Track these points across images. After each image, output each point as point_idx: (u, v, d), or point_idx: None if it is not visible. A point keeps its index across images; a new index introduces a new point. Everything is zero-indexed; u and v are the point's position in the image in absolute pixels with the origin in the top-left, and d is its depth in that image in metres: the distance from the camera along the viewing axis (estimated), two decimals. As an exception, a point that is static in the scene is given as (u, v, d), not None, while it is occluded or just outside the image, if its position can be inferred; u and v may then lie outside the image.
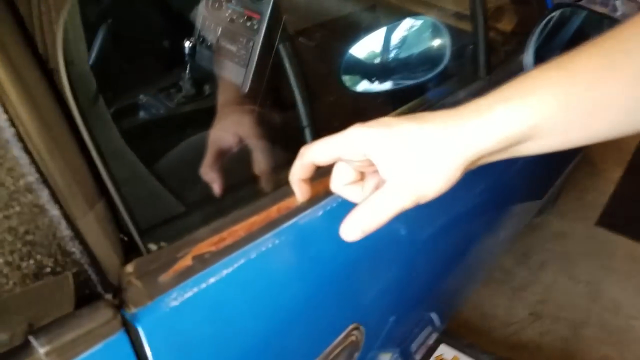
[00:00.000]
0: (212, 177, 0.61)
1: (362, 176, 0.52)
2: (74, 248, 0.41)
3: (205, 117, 0.67)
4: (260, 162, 0.63)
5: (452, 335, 1.51)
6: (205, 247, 0.52)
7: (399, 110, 0.82)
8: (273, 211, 0.59)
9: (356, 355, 0.70)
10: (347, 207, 0.46)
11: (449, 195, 0.44)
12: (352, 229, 0.45)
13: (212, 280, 0.50)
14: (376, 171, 0.47)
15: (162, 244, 0.52)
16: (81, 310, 0.42)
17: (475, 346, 1.56)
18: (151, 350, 0.44)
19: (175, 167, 0.58)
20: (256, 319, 0.54)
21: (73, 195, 0.41)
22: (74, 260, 0.42)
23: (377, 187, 0.47)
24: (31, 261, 0.39)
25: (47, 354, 0.39)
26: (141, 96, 0.89)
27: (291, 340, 0.59)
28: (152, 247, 0.51)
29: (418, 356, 1.36)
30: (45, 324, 0.41)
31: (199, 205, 0.57)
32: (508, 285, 2.06)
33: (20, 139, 0.36)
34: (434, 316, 1.16)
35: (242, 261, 0.53)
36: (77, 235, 0.42)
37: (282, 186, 0.63)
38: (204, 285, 0.49)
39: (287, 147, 0.68)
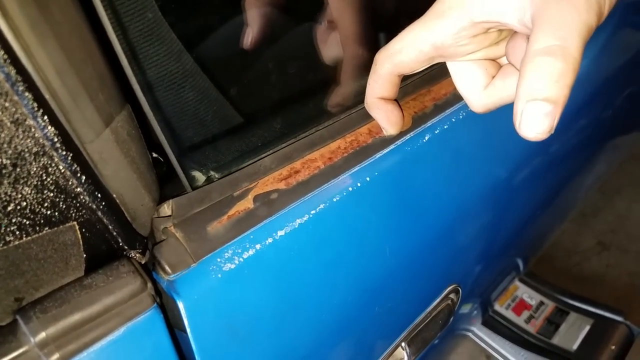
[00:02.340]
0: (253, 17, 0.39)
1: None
2: (80, 186, 0.26)
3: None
4: (351, 57, 0.44)
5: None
6: (271, 183, 0.36)
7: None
8: (363, 133, 0.42)
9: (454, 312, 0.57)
10: (466, 127, 0.28)
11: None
12: (557, 88, 0.26)
13: (281, 233, 0.34)
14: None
15: (212, 174, 0.36)
16: (94, 276, 0.28)
17: (535, 275, 1.44)
18: (194, 334, 0.30)
19: (230, 57, 0.40)
20: (339, 287, 0.39)
21: (76, 102, 0.25)
22: (81, 204, 0.27)
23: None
24: (15, 207, 0.25)
25: (42, 343, 0.26)
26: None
27: (386, 310, 0.45)
28: (198, 177, 0.36)
29: (497, 304, 1.27)
30: (40, 298, 0.27)
31: (263, 121, 0.40)
32: (578, 210, 1.87)
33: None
34: (519, 261, 1.02)
35: (322, 206, 0.37)
36: (84, 166, 0.26)
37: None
38: (270, 241, 0.34)
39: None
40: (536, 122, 0.27)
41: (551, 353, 1.33)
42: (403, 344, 0.49)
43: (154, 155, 0.36)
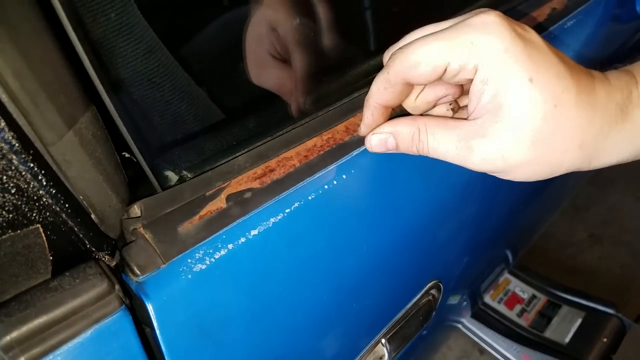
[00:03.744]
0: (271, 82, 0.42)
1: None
2: (42, 189, 0.26)
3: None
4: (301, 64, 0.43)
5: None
6: (245, 182, 0.36)
7: None
8: (340, 131, 0.42)
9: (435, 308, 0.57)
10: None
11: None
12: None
13: (254, 232, 0.34)
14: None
15: (185, 173, 0.36)
16: (61, 278, 0.28)
17: (527, 269, 1.45)
18: (163, 336, 0.30)
19: (204, 56, 0.40)
20: (314, 285, 0.39)
21: (36, 105, 0.25)
22: (45, 206, 0.27)
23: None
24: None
25: (6, 347, 0.26)
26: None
27: (363, 307, 0.45)
28: (171, 177, 0.35)
29: (489, 298, 1.27)
30: (5, 301, 0.27)
31: (237, 119, 0.40)
32: (570, 202, 1.88)
33: None
34: (508, 253, 1.02)
35: (296, 204, 0.37)
36: (47, 168, 0.26)
37: (352, 95, 0.45)
38: (243, 240, 0.34)
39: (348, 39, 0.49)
40: None
41: (544, 346, 1.34)
42: (383, 340, 0.49)
43: (126, 155, 0.36)
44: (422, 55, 0.33)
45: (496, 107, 0.32)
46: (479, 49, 0.31)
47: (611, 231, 1.81)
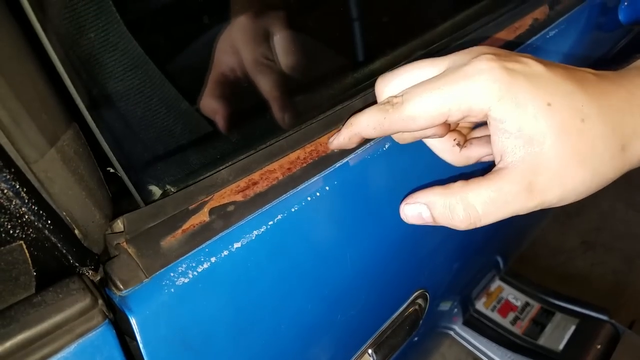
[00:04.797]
0: (213, 109, 0.39)
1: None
2: (24, 206, 0.27)
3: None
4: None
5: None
6: (228, 195, 0.37)
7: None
8: (323, 143, 0.43)
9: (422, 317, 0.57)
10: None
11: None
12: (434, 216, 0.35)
13: (237, 245, 0.35)
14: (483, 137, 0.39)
15: (168, 188, 0.36)
16: (44, 294, 0.29)
17: (520, 276, 1.45)
18: (147, 350, 0.30)
19: (188, 72, 0.41)
20: (297, 296, 0.40)
21: (17, 123, 0.25)
22: (27, 223, 0.27)
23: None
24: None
25: (-10, 363, 0.26)
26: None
27: (349, 318, 0.45)
28: (155, 191, 0.36)
29: (480, 303, 1.27)
30: (-12, 317, 0.27)
31: (221, 133, 0.40)
32: (561, 209, 1.89)
33: None
34: (499, 259, 1.02)
35: (279, 217, 0.37)
36: (29, 186, 0.27)
37: (335, 108, 0.46)
38: (225, 253, 0.34)
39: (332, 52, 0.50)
40: None
41: (537, 354, 1.34)
42: (370, 350, 0.49)
43: (111, 170, 0.36)
44: (419, 110, 0.33)
45: (528, 140, 0.31)
46: (482, 93, 0.31)
47: (603, 238, 1.82)
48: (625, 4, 0.79)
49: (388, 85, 0.37)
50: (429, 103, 0.32)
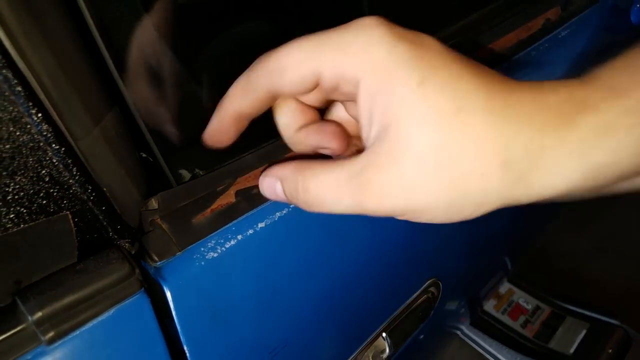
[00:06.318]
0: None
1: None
2: (72, 179, 0.29)
3: None
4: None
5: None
6: (253, 179, 0.39)
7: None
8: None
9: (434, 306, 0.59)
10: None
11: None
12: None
13: (261, 225, 0.37)
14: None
15: (197, 171, 0.39)
16: (86, 262, 0.31)
17: (531, 280, 1.46)
18: (179, 317, 0.33)
19: (218, 62, 0.43)
20: (317, 276, 0.42)
21: (67, 102, 0.28)
22: (74, 195, 0.30)
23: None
24: (13, 197, 0.27)
25: (39, 322, 0.28)
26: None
27: (364, 300, 0.47)
28: (184, 174, 0.38)
29: (489, 305, 1.28)
30: (37, 281, 0.30)
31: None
32: (574, 213, 1.89)
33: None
34: (507, 260, 1.03)
35: (301, 200, 0.39)
36: (76, 160, 0.29)
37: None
38: (251, 232, 0.36)
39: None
40: None
41: (548, 357, 1.34)
42: (384, 334, 0.51)
43: (144, 155, 0.39)
44: (288, 60, 0.27)
45: (386, 125, 0.24)
46: (356, 54, 0.25)
47: (616, 243, 1.82)
48: (638, 5, 0.81)
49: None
50: (300, 52, 0.27)
